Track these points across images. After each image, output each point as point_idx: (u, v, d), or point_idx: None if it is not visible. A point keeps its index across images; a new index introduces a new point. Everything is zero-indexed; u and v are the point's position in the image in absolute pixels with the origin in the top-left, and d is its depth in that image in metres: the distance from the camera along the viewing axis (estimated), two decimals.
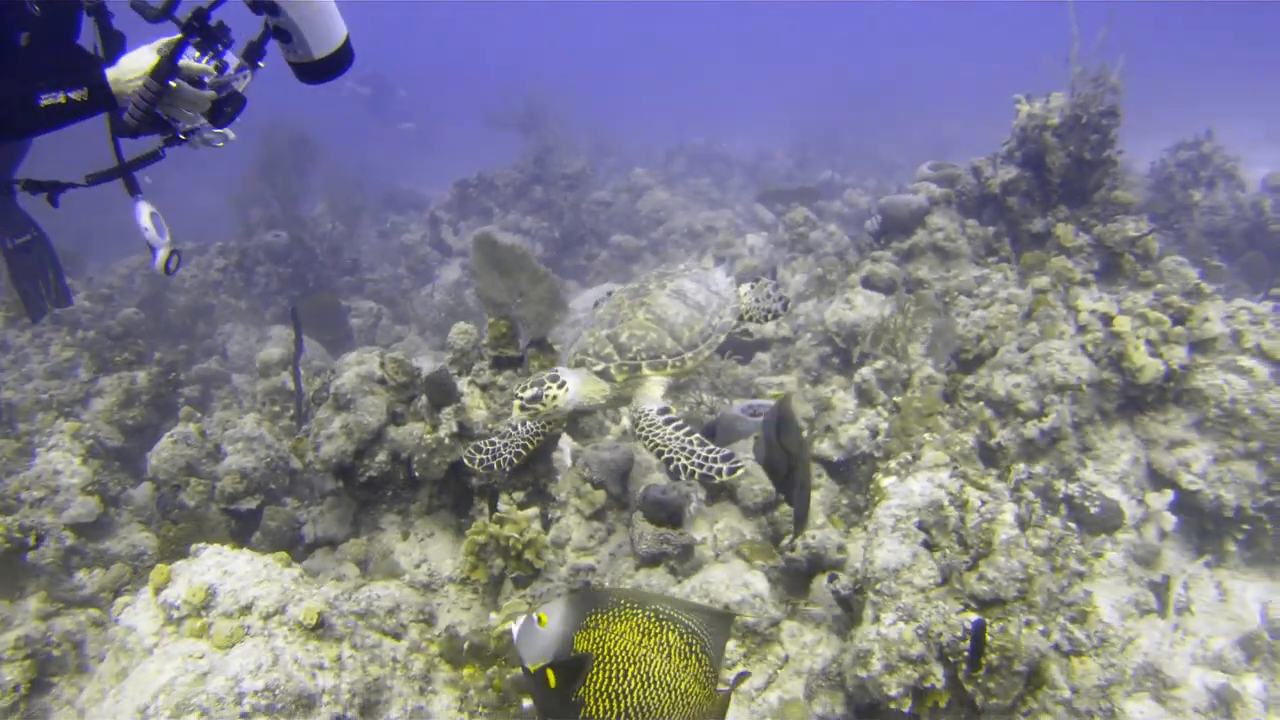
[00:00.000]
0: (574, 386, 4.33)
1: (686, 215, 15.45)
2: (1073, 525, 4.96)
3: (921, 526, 4.29)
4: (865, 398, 6.23)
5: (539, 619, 2.58)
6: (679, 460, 4.04)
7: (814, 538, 5.06)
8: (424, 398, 6.26)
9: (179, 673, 3.52)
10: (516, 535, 5.42)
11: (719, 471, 4.00)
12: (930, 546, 4.24)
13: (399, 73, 28.27)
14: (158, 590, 3.93)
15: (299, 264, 13.51)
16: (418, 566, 5.92)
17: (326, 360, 11.58)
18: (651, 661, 2.56)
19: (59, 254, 7.32)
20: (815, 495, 5.50)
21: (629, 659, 2.55)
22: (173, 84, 3.61)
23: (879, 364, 6.27)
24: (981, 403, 5.83)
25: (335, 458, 6.02)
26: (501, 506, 5.87)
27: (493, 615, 5.22)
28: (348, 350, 11.75)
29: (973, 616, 3.94)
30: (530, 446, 4.72)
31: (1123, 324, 5.86)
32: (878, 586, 4.16)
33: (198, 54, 3.67)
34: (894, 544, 4.24)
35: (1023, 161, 7.57)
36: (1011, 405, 5.77)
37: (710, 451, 4.07)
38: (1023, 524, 4.21)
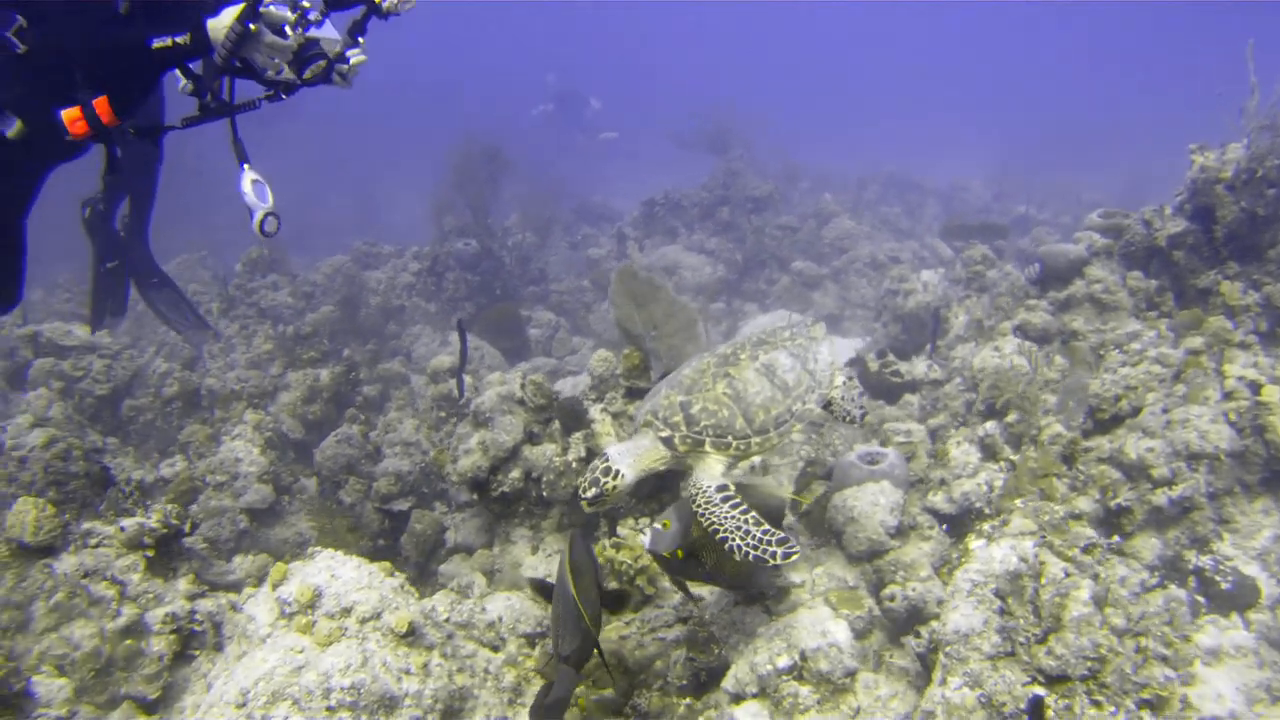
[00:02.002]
0: (629, 471, 4.37)
1: (871, 245, 15.28)
2: (1177, 599, 4.76)
3: (998, 594, 4.24)
4: (989, 452, 6.12)
5: (663, 524, 4.18)
6: (734, 540, 4.07)
7: (914, 590, 5.05)
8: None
9: (279, 663, 3.91)
10: (630, 561, 5.64)
11: (773, 555, 4.02)
12: (1005, 614, 4.20)
13: (594, 87, 28.99)
14: (275, 586, 4.35)
15: (487, 272, 14.15)
16: None
17: (503, 369, 12.11)
18: None
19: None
20: (925, 547, 5.46)
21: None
22: (253, 26, 4.12)
23: (1010, 417, 6.15)
24: (1106, 466, 5.63)
25: (471, 472, 6.39)
26: (621, 532, 6.09)
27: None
28: (526, 359, 12.32)
29: (1038, 689, 3.90)
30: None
31: (1271, 394, 5.55)
32: (947, 649, 4.15)
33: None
34: (968, 608, 4.21)
35: (1193, 214, 7.21)
36: (1143, 470, 5.54)
37: (765, 533, 4.09)
38: (1099, 602, 4.11)
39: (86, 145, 4.80)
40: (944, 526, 5.71)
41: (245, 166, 5.15)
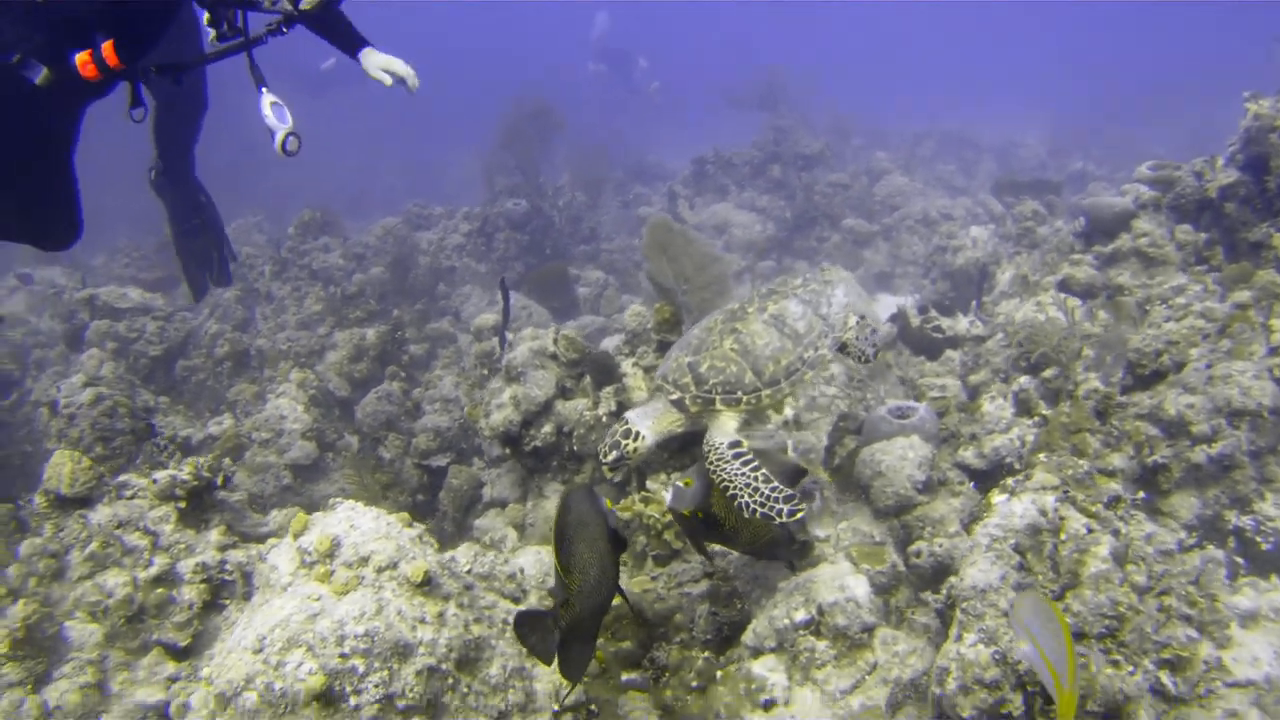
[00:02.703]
0: (649, 431, 4.40)
1: (923, 201, 15.03)
2: (1215, 559, 4.62)
3: (1017, 549, 4.15)
4: (1023, 407, 6.00)
5: (685, 483, 4.16)
6: (743, 497, 4.04)
7: (941, 546, 4.98)
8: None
9: (295, 611, 3.97)
10: (658, 515, 5.64)
11: (780, 512, 4.00)
12: (1024, 570, 4.11)
13: (644, 41, 28.78)
14: (297, 536, 4.42)
15: (536, 231, 14.17)
16: None
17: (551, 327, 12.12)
18: None
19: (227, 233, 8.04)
20: (954, 502, 5.38)
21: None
22: None
23: (1047, 372, 6.01)
24: (1144, 422, 5.48)
25: (503, 426, 6.42)
26: (650, 486, 6.09)
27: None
28: (574, 318, 12.32)
29: None
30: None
31: None
32: (964, 605, 4.07)
33: None
34: (986, 564, 4.13)
35: (1245, 165, 6.94)
36: (1183, 427, 5.39)
37: (774, 490, 4.05)
38: (1118, 558, 4.00)
39: (113, 83, 4.88)
40: (973, 483, 5.61)
41: (264, 90, 5.27)
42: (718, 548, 4.82)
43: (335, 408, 8.85)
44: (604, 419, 6.26)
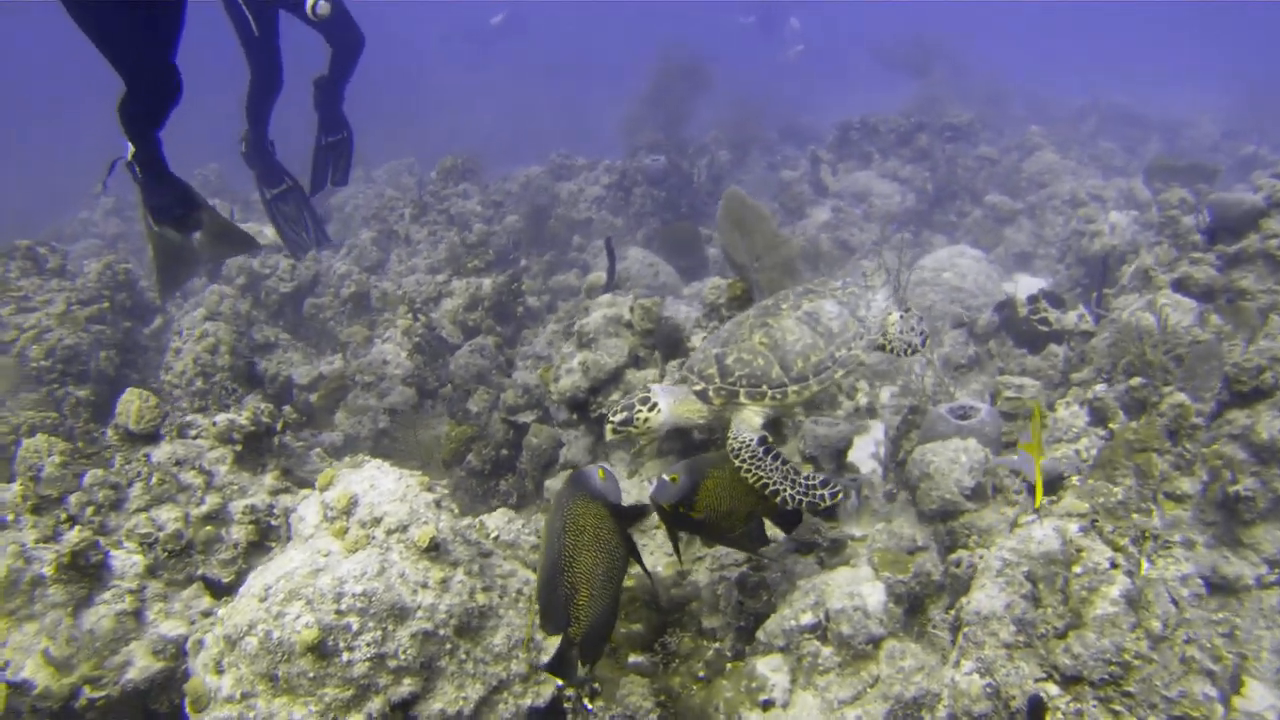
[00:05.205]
0: (666, 407, 4.30)
1: (1074, 181, 14.20)
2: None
3: (1030, 577, 3.91)
4: (1098, 416, 5.63)
5: (671, 478, 3.90)
6: (785, 491, 3.97)
7: (981, 558, 4.77)
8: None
9: (301, 564, 4.13)
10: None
11: (821, 498, 3.97)
12: (1033, 600, 3.88)
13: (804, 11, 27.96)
14: (323, 490, 4.58)
15: (673, 188, 14.11)
16: None
17: (678, 287, 12.13)
18: (733, 487, 4.06)
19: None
20: (1008, 513, 5.11)
21: (721, 488, 4.02)
22: None
23: (1135, 381, 5.62)
24: (1233, 445, 5.06)
25: (570, 391, 6.46)
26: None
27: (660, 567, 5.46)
28: (701, 278, 12.25)
29: (1052, 688, 3.60)
30: None
31: None
32: (966, 630, 3.87)
33: None
34: (994, 589, 3.90)
35: None
36: (1275, 454, 4.97)
37: (809, 479, 4.01)
38: (1131, 601, 3.70)
39: None
40: (1028, 493, 5.32)
41: None
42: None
43: (444, 355, 9.07)
44: None
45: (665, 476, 3.93)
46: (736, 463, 4.14)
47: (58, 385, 7.95)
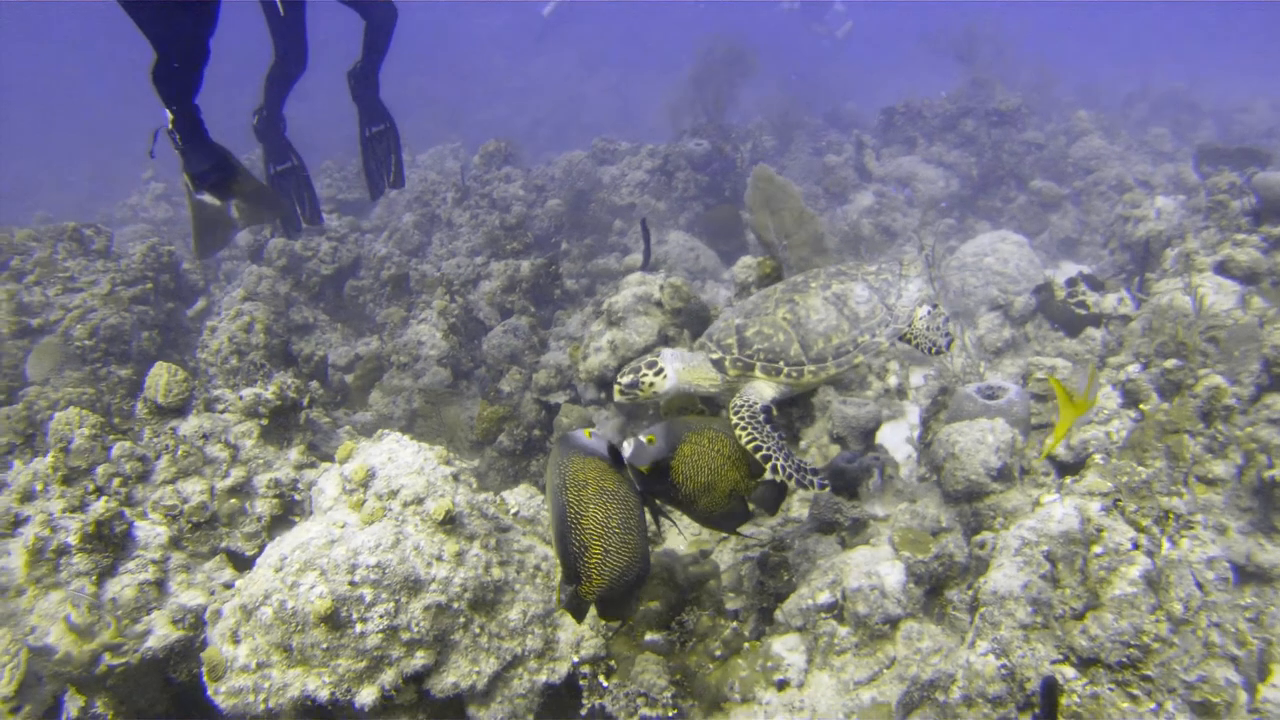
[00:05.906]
0: (674, 373, 4.23)
1: (1121, 166, 13.88)
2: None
3: (1049, 557, 3.80)
4: (1131, 398, 5.48)
5: (648, 439, 3.75)
6: (777, 460, 3.88)
7: (1000, 538, 4.67)
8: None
9: (317, 535, 4.14)
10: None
11: (811, 483, 3.89)
12: (1052, 581, 3.77)
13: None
14: (342, 463, 4.59)
15: (717, 173, 14.00)
16: None
17: (718, 271, 12.07)
18: (711, 457, 3.80)
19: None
20: (1035, 494, 5.00)
21: (700, 455, 3.79)
22: None
23: (1169, 363, 5.46)
24: (1272, 429, 4.91)
25: (598, 370, 6.43)
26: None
27: (682, 547, 5.42)
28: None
29: (1068, 670, 3.50)
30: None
31: None
32: (983, 610, 3.77)
33: None
34: (1012, 569, 3.80)
35: None
36: None
37: (801, 463, 3.93)
38: (1151, 582, 3.57)
39: None
40: (1059, 475, 5.19)
41: None
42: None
43: (480, 336, 9.08)
44: None
45: (642, 437, 3.78)
46: (734, 419, 4.02)
47: (100, 364, 8.08)
